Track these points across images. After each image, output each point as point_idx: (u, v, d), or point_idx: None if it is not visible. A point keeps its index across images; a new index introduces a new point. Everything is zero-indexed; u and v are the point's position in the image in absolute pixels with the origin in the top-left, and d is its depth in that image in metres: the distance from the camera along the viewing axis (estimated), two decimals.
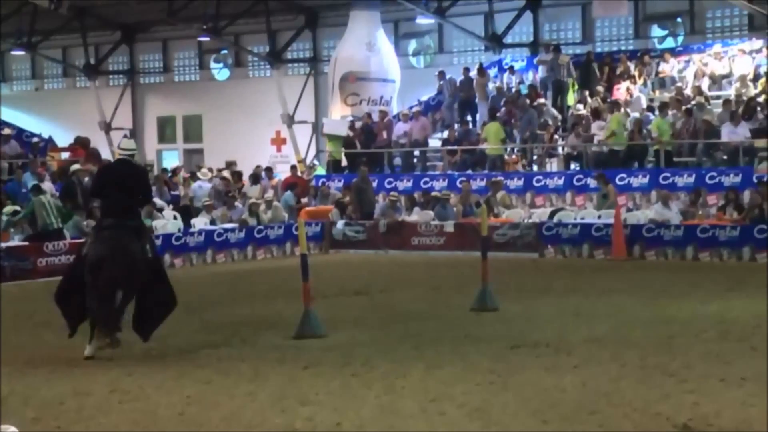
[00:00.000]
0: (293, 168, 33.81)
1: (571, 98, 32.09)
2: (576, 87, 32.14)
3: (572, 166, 29.34)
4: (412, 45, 40.71)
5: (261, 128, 41.58)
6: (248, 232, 26.45)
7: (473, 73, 33.32)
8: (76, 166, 27.92)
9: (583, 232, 24.65)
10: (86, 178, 27.99)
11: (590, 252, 24.43)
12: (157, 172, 38.02)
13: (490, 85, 33.49)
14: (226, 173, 32.42)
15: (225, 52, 44.78)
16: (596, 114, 29.69)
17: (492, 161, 29.74)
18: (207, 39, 42.41)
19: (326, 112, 37.75)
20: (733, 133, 26.53)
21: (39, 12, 39.70)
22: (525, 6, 36.94)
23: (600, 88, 31.46)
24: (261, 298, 18.30)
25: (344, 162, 32.79)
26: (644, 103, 30.27)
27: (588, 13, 35.69)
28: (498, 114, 30.74)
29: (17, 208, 24.62)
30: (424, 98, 34.93)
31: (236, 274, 22.95)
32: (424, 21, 38.31)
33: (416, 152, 32.20)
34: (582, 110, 30.54)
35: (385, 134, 32.34)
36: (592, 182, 26.87)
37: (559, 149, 30.19)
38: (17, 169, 28.69)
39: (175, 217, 27.05)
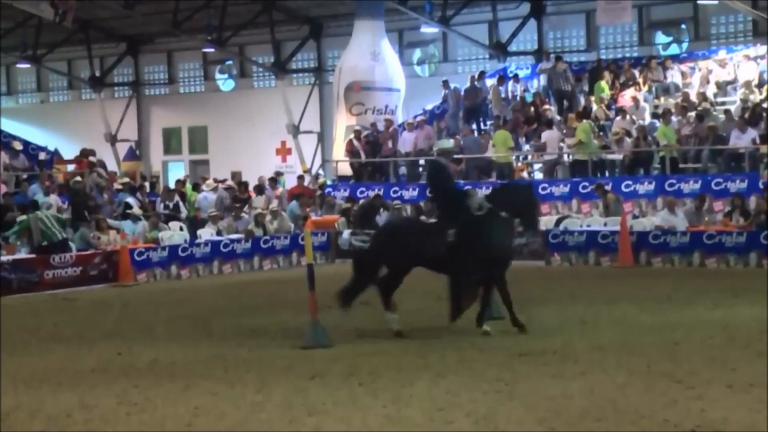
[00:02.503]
0: (300, 178, 33.80)
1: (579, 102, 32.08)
2: (607, 90, 31.93)
3: None
4: (417, 54, 40.75)
5: (266, 138, 41.63)
6: (254, 242, 26.46)
7: (491, 82, 33.37)
8: (75, 178, 27.99)
9: (590, 239, 24.63)
10: (93, 188, 28.14)
11: (597, 259, 24.42)
12: (164, 183, 38.19)
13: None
14: (232, 183, 32.40)
15: (230, 62, 44.86)
16: (549, 123, 29.75)
17: (500, 169, 29.69)
18: (212, 50, 42.48)
19: (331, 122, 37.78)
20: (740, 139, 26.45)
21: (44, 25, 39.80)
22: (529, 14, 36.98)
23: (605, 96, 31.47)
24: (267, 309, 18.31)
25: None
26: (649, 110, 30.25)
27: (592, 20, 35.65)
28: (506, 122, 30.71)
29: (24, 217, 24.64)
30: (429, 107, 34.94)
31: (242, 285, 22.94)
32: (429, 30, 38.33)
33: (421, 161, 32.18)
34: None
35: (390, 143, 32.31)
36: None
37: (565, 157, 30.11)
38: (23, 182, 28.78)
39: (181, 228, 27.08)
